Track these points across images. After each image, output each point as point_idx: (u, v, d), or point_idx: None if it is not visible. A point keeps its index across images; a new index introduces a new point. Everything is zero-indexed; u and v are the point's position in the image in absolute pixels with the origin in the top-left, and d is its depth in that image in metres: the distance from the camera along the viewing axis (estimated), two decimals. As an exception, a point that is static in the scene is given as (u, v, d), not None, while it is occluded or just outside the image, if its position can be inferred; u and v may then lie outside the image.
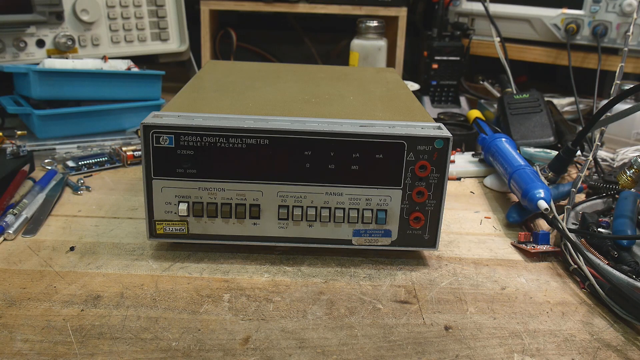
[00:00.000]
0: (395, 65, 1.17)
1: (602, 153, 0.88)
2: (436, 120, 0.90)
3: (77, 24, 1.00)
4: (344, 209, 0.55)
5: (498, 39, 1.05)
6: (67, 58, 0.93)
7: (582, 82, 1.03)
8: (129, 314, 0.48)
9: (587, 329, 0.48)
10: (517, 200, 0.68)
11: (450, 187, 0.79)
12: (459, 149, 0.90)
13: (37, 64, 0.89)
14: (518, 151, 0.76)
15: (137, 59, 1.01)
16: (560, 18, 1.07)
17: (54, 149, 0.84)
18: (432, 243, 0.56)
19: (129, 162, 0.82)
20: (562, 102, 1.07)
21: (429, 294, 0.53)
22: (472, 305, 0.51)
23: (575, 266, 0.56)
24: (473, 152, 0.89)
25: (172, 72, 1.13)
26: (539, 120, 0.88)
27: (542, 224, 0.65)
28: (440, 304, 0.51)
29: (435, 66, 1.10)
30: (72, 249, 0.58)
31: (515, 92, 0.95)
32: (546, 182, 0.70)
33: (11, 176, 0.71)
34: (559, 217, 0.60)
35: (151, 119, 0.53)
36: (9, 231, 0.59)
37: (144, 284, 0.52)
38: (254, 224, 0.55)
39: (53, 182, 0.73)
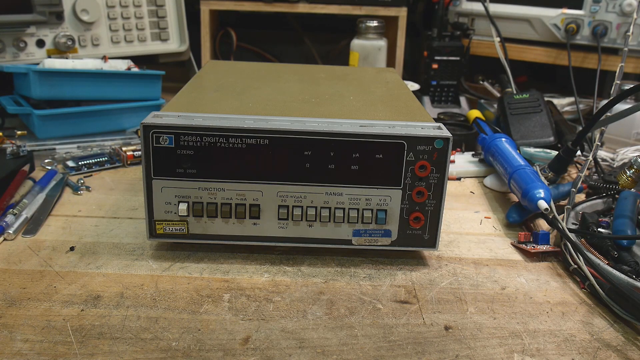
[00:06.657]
0: (395, 65, 1.17)
1: (602, 153, 0.88)
2: (436, 120, 0.90)
3: (77, 24, 1.00)
4: (343, 209, 0.55)
5: (498, 39, 1.04)
6: (67, 58, 0.93)
7: (582, 82, 1.03)
8: (129, 314, 0.48)
9: (587, 329, 0.48)
10: (517, 200, 0.68)
11: (450, 187, 0.79)
12: (459, 149, 0.90)
13: (37, 64, 0.89)
14: (518, 151, 0.76)
15: (137, 59, 1.01)
16: (560, 18, 1.07)
17: (54, 149, 0.84)
18: (432, 243, 0.56)
19: (129, 162, 0.82)
20: (562, 102, 1.07)
21: (429, 294, 0.53)
22: (472, 305, 0.51)
23: (575, 266, 0.56)
24: (473, 152, 0.89)
25: (172, 72, 1.13)
26: (539, 120, 0.88)
27: (542, 224, 0.65)
28: (440, 304, 0.51)
29: (435, 66, 1.10)
30: (72, 249, 0.58)
31: (515, 92, 0.95)
32: (546, 182, 0.70)
33: (11, 176, 0.71)
34: (559, 217, 0.60)
35: (151, 119, 0.53)
36: (9, 231, 0.59)
37: (144, 284, 0.52)
38: (254, 224, 0.55)
39: (53, 182, 0.73)
